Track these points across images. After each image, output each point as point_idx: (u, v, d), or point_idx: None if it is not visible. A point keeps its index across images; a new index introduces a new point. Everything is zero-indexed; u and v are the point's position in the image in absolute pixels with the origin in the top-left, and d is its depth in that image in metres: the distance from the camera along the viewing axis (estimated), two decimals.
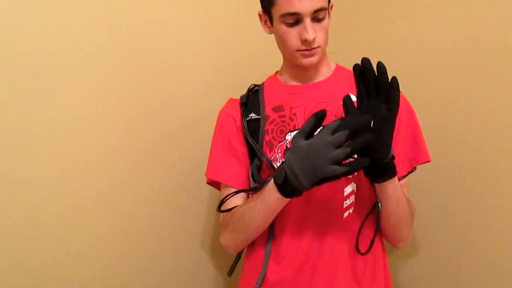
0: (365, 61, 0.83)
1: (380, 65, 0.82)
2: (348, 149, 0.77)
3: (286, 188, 0.86)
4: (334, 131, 0.78)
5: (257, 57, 1.40)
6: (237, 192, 1.01)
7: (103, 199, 1.16)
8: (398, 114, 0.95)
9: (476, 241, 1.14)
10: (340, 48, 1.12)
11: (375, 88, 0.84)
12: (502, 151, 1.08)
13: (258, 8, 1.00)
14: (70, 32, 1.07)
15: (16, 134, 1.01)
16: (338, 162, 0.78)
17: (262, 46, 1.39)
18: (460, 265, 1.18)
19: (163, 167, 1.26)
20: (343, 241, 0.98)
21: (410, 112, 1.03)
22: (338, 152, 0.77)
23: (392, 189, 0.91)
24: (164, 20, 1.24)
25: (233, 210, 1.03)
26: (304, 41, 0.95)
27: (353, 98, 1.01)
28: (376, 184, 0.92)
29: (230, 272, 1.13)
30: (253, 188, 1.01)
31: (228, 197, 1.02)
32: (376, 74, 0.82)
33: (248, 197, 1.07)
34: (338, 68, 1.09)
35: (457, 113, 1.17)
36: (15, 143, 1.01)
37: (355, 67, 0.85)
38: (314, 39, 0.95)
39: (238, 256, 1.14)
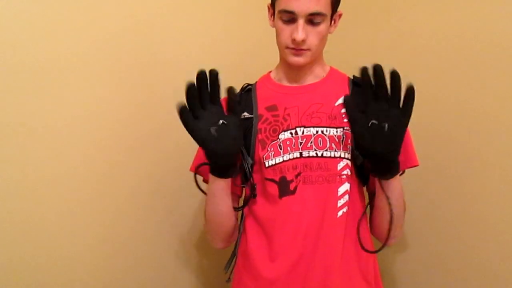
0: (378, 67, 0.88)
1: (394, 72, 0.87)
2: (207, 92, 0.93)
3: (217, 169, 0.98)
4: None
5: (251, 56, 1.40)
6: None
7: (90, 198, 1.15)
8: None
9: (463, 237, 1.17)
10: (331, 48, 1.13)
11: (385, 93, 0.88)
12: (489, 150, 1.10)
13: (252, 8, 1.00)
14: (62, 31, 1.06)
15: (9, 130, 1.01)
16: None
17: (256, 46, 1.40)
18: (447, 259, 1.21)
19: (152, 165, 1.26)
20: (337, 240, 1.00)
21: None
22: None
23: (397, 184, 0.98)
24: (156, 19, 1.23)
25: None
26: (293, 40, 0.98)
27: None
28: (383, 181, 0.97)
29: (227, 268, 1.15)
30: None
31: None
32: (390, 80, 0.87)
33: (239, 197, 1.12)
34: (332, 70, 1.11)
35: (446, 112, 1.19)
36: (7, 138, 1.01)
37: (364, 69, 0.90)
38: (303, 41, 0.97)
39: (234, 253, 1.16)
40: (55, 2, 1.04)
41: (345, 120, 1.02)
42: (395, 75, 0.87)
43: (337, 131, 1.01)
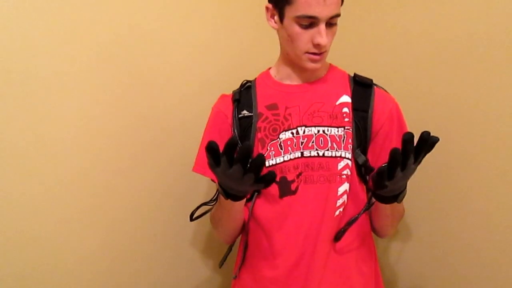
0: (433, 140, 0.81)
1: (434, 141, 0.81)
2: (252, 174, 0.80)
3: (232, 198, 0.92)
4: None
5: (248, 56, 1.40)
6: (201, 205, 1.11)
7: (99, 201, 1.16)
8: (390, 122, 1.03)
9: (463, 234, 1.18)
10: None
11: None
12: (488, 147, 1.11)
13: (246, 8, 0.96)
14: (68, 37, 1.07)
15: (11, 136, 1.01)
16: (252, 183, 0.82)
17: (252, 45, 1.40)
18: (448, 257, 1.22)
19: (158, 167, 1.26)
20: (333, 238, 1.01)
21: (400, 117, 1.06)
22: (246, 179, 0.81)
23: (390, 207, 0.98)
24: (155, 24, 1.23)
25: (210, 213, 1.13)
26: (317, 45, 0.96)
27: (347, 99, 1.04)
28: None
29: (221, 264, 1.17)
30: (213, 200, 1.10)
31: (196, 209, 1.11)
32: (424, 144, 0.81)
33: None
34: (332, 68, 1.10)
35: (446, 111, 1.18)
36: (10, 144, 1.01)
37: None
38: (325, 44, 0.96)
39: (229, 248, 1.17)
40: (53, 9, 1.04)
41: (346, 119, 1.02)
42: (433, 144, 0.80)
43: (338, 131, 1.01)
